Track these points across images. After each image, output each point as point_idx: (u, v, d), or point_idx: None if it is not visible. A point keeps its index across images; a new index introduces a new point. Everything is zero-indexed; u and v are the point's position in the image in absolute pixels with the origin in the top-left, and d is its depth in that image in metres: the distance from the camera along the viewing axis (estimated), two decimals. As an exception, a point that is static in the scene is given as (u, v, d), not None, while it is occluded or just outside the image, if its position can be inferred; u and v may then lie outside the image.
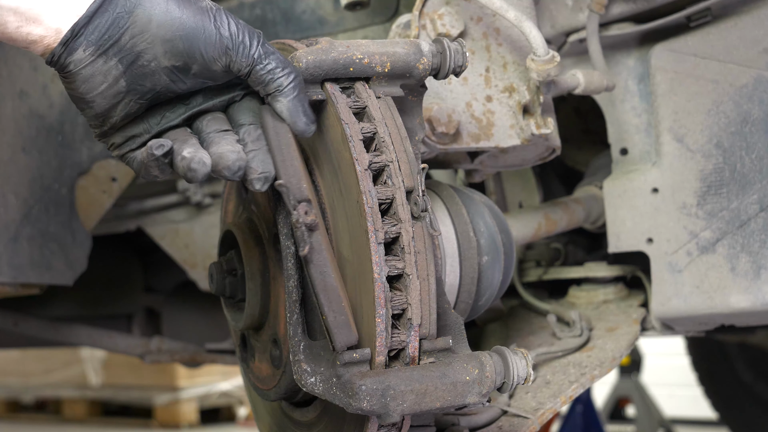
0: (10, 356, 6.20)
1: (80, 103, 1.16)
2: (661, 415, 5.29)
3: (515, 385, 1.18)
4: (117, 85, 1.13)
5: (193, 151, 1.14)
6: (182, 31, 1.12)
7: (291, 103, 1.16)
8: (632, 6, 1.73)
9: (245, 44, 1.14)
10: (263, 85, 1.16)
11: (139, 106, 1.16)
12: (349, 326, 1.12)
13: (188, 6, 1.13)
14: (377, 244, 1.12)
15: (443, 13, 1.54)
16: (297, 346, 1.19)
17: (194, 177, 1.13)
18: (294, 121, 1.16)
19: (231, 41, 1.14)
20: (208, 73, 1.16)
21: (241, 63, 1.15)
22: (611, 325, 1.83)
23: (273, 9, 1.93)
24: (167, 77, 1.14)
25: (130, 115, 1.16)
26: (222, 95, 1.20)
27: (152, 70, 1.13)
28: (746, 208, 1.67)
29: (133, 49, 1.11)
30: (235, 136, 1.18)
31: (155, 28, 1.11)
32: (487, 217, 1.42)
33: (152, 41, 1.12)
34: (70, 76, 1.13)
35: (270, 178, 1.16)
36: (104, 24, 1.10)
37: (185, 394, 5.84)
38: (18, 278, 1.81)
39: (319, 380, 1.15)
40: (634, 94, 1.82)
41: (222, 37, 1.13)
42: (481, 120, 1.55)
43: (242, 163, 1.15)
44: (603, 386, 5.44)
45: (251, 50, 1.15)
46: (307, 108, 1.17)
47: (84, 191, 1.97)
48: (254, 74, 1.16)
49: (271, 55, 1.16)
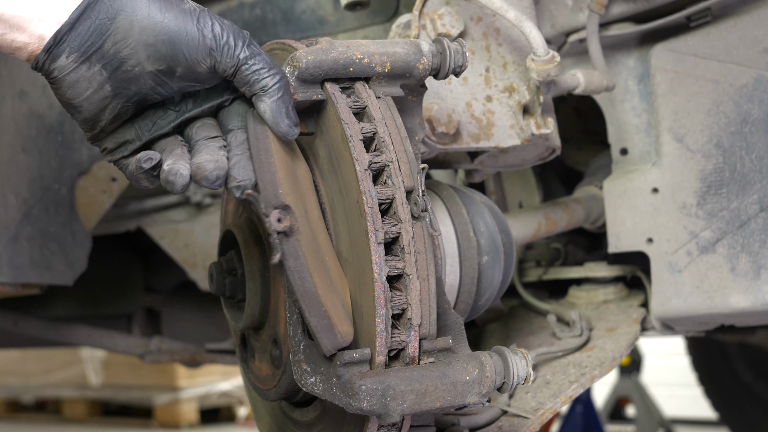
0: (10, 356, 6.20)
1: (69, 108, 1.17)
2: (661, 415, 5.29)
3: (515, 385, 1.18)
4: (102, 90, 1.14)
5: (171, 162, 1.15)
6: (165, 35, 1.12)
7: (274, 104, 1.15)
8: (632, 6, 1.73)
9: (230, 45, 1.14)
10: (248, 85, 1.16)
11: (127, 109, 1.16)
12: (332, 330, 1.11)
13: (170, 9, 1.13)
14: (377, 244, 1.12)
15: (443, 13, 1.54)
16: (297, 346, 1.19)
17: (172, 189, 1.14)
18: (276, 123, 1.16)
19: (215, 42, 1.14)
20: (194, 76, 1.16)
21: (226, 64, 1.14)
22: (611, 325, 1.83)
23: (273, 9, 1.93)
24: (152, 81, 1.14)
25: (118, 117, 1.17)
26: (211, 100, 1.20)
27: (137, 74, 1.13)
28: (746, 208, 1.67)
29: (117, 55, 1.12)
30: (222, 142, 1.19)
31: (137, 33, 1.12)
32: (487, 217, 1.42)
33: (135, 46, 1.12)
34: (56, 82, 1.14)
35: (249, 185, 1.15)
36: (87, 31, 1.11)
37: (185, 394, 5.84)
38: (18, 278, 1.81)
39: (319, 380, 1.15)
40: (634, 94, 1.82)
41: (205, 39, 1.13)
42: (481, 120, 1.55)
43: (220, 173, 1.15)
44: (603, 386, 5.44)
45: (236, 51, 1.14)
46: (291, 110, 1.17)
47: (84, 191, 1.97)
48: (239, 75, 1.15)
49: (256, 56, 1.15)
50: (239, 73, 1.15)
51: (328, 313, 1.12)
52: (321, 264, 1.15)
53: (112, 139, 1.19)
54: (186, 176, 1.15)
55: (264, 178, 1.14)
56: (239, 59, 1.14)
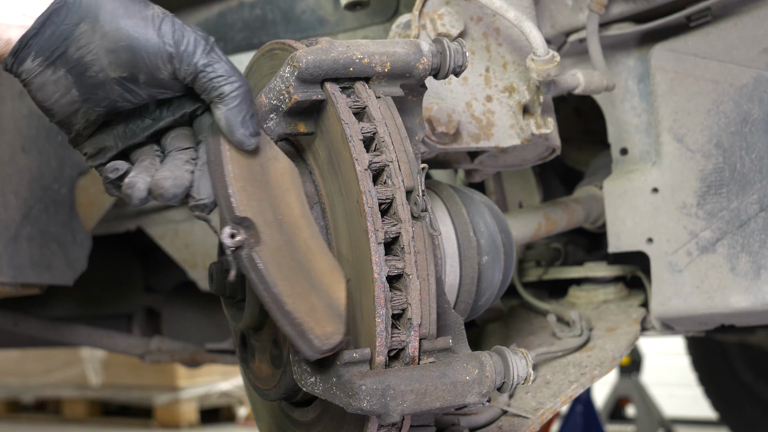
0: (10, 356, 6.20)
1: (43, 111, 1.18)
2: (661, 415, 5.29)
3: (515, 385, 1.18)
4: (69, 94, 1.14)
5: (133, 175, 1.15)
6: (125, 41, 1.12)
7: (230, 112, 1.14)
8: (632, 6, 1.73)
9: (188, 52, 1.13)
10: (206, 93, 1.15)
11: (98, 115, 1.17)
12: (305, 336, 1.10)
13: (133, 16, 1.13)
14: (377, 244, 1.12)
15: (443, 13, 1.54)
16: (297, 346, 1.19)
17: (129, 201, 1.15)
18: (231, 131, 1.14)
19: (175, 49, 1.13)
20: (157, 82, 1.15)
21: (185, 71, 1.14)
22: (611, 325, 1.83)
23: (273, 9, 1.93)
24: (119, 87, 1.15)
25: (93, 122, 1.17)
26: (183, 108, 1.20)
27: (101, 80, 1.14)
28: (746, 208, 1.67)
29: (81, 60, 1.13)
30: (193, 153, 1.18)
31: (99, 39, 1.12)
32: (487, 217, 1.42)
33: (97, 52, 1.13)
34: (26, 85, 1.15)
35: (209, 203, 1.15)
36: (51, 36, 1.12)
37: (185, 394, 5.84)
38: (18, 278, 1.81)
39: (319, 380, 1.15)
40: (634, 94, 1.82)
41: (165, 45, 1.13)
42: (481, 120, 1.55)
43: (177, 191, 1.14)
44: (603, 386, 5.44)
45: (194, 58, 1.13)
46: (248, 119, 1.15)
47: (84, 191, 1.97)
48: (198, 82, 1.15)
49: (216, 63, 1.14)
50: (197, 80, 1.14)
51: (299, 320, 1.10)
52: (294, 268, 1.13)
53: (92, 144, 1.20)
54: (143, 190, 1.14)
55: (218, 193, 1.13)
56: (197, 67, 1.13)
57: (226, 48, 1.97)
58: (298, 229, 1.16)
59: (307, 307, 1.11)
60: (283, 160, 1.21)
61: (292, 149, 1.30)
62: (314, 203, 1.24)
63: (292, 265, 1.13)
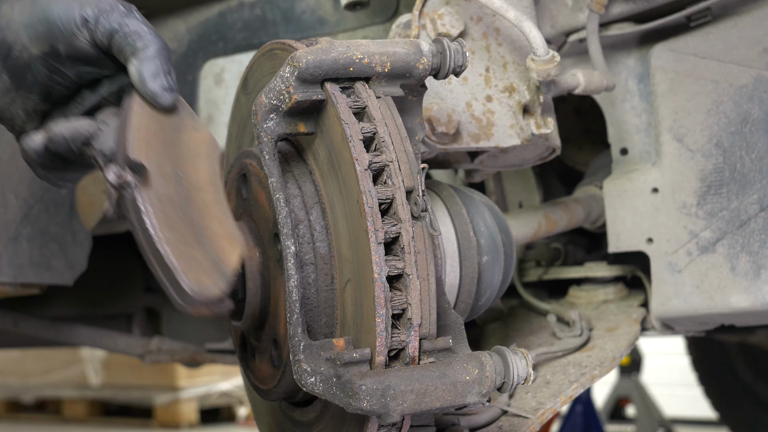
0: (10, 356, 6.20)
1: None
2: (661, 415, 5.29)
3: (515, 385, 1.18)
4: (1, 80, 1.13)
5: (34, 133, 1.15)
6: (41, 12, 1.11)
7: (142, 64, 1.11)
8: (632, 6, 1.73)
9: (104, 12, 1.11)
10: (122, 52, 1.12)
11: (34, 103, 1.16)
12: (176, 280, 1.06)
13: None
14: (377, 244, 1.12)
15: (443, 13, 1.54)
16: (297, 346, 1.19)
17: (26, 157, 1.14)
18: (143, 83, 1.12)
19: (89, 11, 1.11)
20: (77, 53, 1.13)
21: (101, 32, 1.12)
22: (611, 325, 1.83)
23: (273, 9, 1.92)
24: (44, 68, 1.13)
25: (32, 113, 1.16)
26: (112, 87, 1.19)
27: (26, 61, 1.12)
28: (746, 207, 1.67)
29: (4, 41, 1.11)
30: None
31: (17, 15, 1.11)
32: (487, 217, 1.42)
33: (17, 29, 1.11)
34: None
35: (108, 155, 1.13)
36: None
37: (185, 394, 5.84)
38: (18, 278, 1.81)
39: (319, 380, 1.15)
40: (634, 94, 1.82)
41: (82, 8, 1.11)
42: (481, 120, 1.55)
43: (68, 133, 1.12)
44: (603, 386, 5.44)
45: (110, 18, 1.11)
46: (164, 75, 1.12)
47: (84, 191, 1.97)
48: (114, 43, 1.12)
49: (132, 21, 1.12)
50: (113, 41, 1.12)
51: (173, 264, 1.06)
52: (183, 222, 1.10)
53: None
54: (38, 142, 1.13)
55: (117, 137, 1.12)
56: (112, 25, 1.11)
57: (226, 48, 1.97)
58: (199, 190, 1.14)
59: (187, 257, 1.08)
60: (205, 134, 1.19)
61: (292, 149, 1.30)
62: (314, 203, 1.24)
63: (182, 219, 1.10)
